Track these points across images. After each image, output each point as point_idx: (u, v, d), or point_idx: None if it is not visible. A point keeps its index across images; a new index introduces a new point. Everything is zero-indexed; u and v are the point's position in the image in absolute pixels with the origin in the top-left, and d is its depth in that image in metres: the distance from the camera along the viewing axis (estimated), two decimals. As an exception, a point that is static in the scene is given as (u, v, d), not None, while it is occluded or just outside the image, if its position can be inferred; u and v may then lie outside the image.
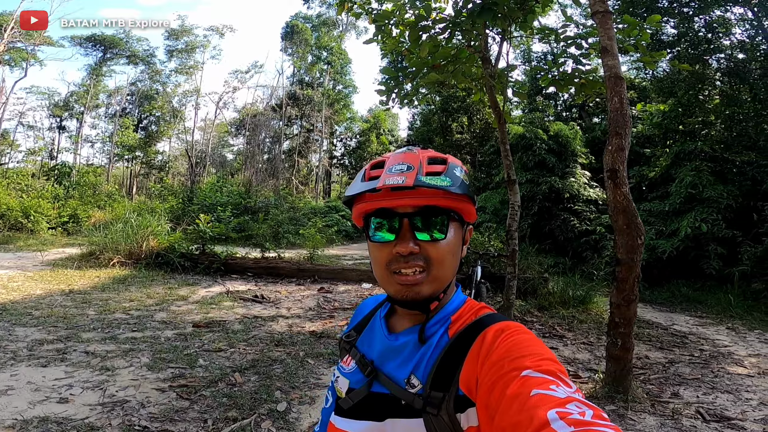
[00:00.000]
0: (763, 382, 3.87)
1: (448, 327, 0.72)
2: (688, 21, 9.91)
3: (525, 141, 11.65)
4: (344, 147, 32.03)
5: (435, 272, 0.70)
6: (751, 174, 9.47)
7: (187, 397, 3.22)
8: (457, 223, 0.73)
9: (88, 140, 27.04)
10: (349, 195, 0.74)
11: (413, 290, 0.69)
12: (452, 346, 0.67)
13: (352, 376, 0.77)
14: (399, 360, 0.72)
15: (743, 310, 7.09)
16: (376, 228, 0.72)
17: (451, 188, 0.67)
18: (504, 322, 0.66)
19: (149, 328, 4.89)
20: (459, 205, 0.72)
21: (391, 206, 0.70)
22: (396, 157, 0.72)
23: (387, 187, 0.68)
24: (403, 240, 0.69)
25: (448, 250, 0.71)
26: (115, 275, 7.65)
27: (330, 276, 8.24)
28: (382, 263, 0.71)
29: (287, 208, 16.75)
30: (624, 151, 3.15)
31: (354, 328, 0.86)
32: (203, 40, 26.50)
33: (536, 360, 0.56)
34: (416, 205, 0.69)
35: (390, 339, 0.75)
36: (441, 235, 0.70)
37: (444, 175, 0.69)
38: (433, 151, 0.75)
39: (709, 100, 10.48)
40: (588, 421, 0.46)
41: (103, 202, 16.71)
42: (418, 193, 0.68)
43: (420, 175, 0.68)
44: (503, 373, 0.56)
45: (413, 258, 0.69)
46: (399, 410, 0.67)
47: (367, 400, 0.72)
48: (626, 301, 3.18)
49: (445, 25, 4.90)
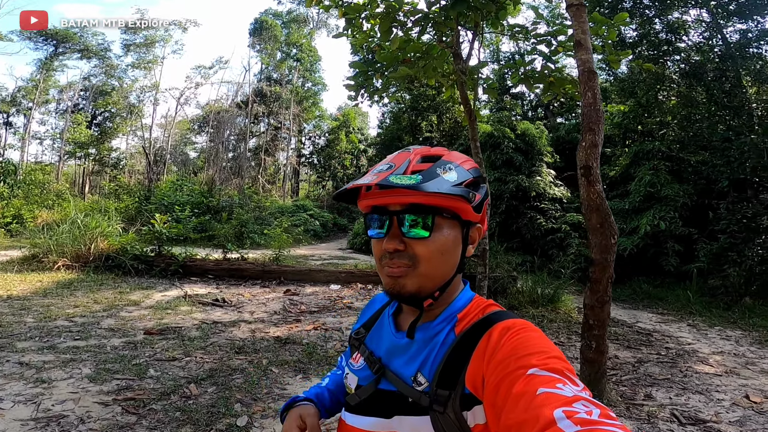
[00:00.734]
0: (730, 381, 3.90)
1: (454, 325, 0.72)
2: (650, 22, 10.22)
3: (493, 140, 11.71)
4: (313, 145, 31.48)
5: (421, 269, 0.70)
6: (706, 173, 9.88)
7: (134, 411, 2.90)
8: (452, 221, 0.72)
9: (37, 137, 25.34)
10: (340, 191, 0.75)
11: (398, 283, 0.70)
12: (458, 344, 0.67)
13: (360, 373, 0.78)
14: (406, 357, 0.73)
15: (702, 306, 7.32)
16: (371, 222, 0.74)
17: (420, 186, 0.66)
18: (511, 320, 0.66)
19: (94, 336, 4.47)
20: (446, 203, 0.69)
21: (381, 204, 0.71)
22: (389, 156, 0.75)
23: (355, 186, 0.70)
24: (389, 237, 0.70)
25: (436, 248, 0.70)
26: (59, 279, 7.05)
27: (297, 277, 7.94)
28: (377, 258, 0.73)
29: (253, 207, 16.19)
30: (597, 148, 3.08)
31: (363, 325, 0.87)
32: (164, 34, 25.31)
33: (543, 358, 0.56)
34: (403, 203, 0.69)
35: (397, 337, 0.76)
36: (425, 232, 0.69)
37: (419, 173, 0.69)
38: (432, 148, 0.76)
39: (666, 101, 10.87)
40: (595, 420, 0.45)
41: (51, 202, 15.61)
42: (398, 192, 0.68)
43: (395, 174, 0.68)
44: (509, 371, 0.56)
45: (398, 255, 0.70)
46: (406, 407, 0.68)
47: (375, 396, 0.73)
48: (600, 303, 3.11)
49: (416, 18, 4.73)
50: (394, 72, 5.20)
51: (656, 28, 10.07)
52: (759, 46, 9.18)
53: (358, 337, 0.84)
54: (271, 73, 28.42)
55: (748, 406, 3.29)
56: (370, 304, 0.93)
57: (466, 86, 5.81)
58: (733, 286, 7.58)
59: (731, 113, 9.14)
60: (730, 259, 7.95)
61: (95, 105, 25.15)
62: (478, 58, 5.88)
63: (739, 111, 8.91)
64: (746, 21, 9.31)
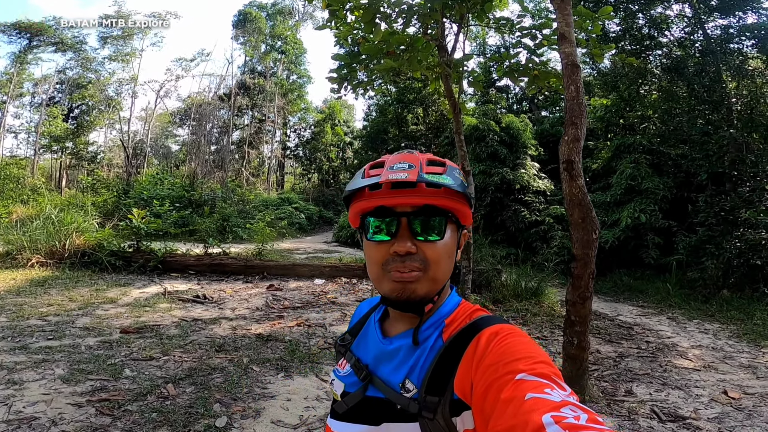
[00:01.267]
0: (709, 376, 3.94)
1: (442, 330, 0.71)
2: (633, 17, 10.29)
3: (478, 132, 11.72)
4: (298, 138, 31.13)
5: (431, 273, 0.69)
6: (686, 166, 10.05)
7: (108, 412, 2.81)
8: (454, 225, 0.73)
9: (12, 131, 24.46)
10: (350, 190, 0.73)
11: (409, 288, 0.69)
12: (446, 350, 0.67)
13: (347, 380, 0.77)
14: (393, 364, 0.72)
15: (681, 299, 7.45)
16: (371, 227, 0.72)
17: (453, 186, 0.68)
18: (498, 325, 0.66)
19: (68, 336, 4.33)
20: (457, 206, 0.71)
21: (391, 204, 0.70)
22: (396, 157, 0.73)
23: (388, 184, 0.68)
24: (400, 240, 0.69)
25: (444, 251, 0.71)
26: (33, 277, 6.83)
27: (280, 272, 7.84)
28: (378, 262, 0.71)
29: (236, 200, 15.93)
30: (579, 142, 3.06)
31: (349, 332, 0.86)
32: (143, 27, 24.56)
33: (530, 363, 0.56)
34: (416, 204, 0.69)
35: (384, 343, 0.75)
36: (438, 236, 0.70)
37: (445, 174, 0.70)
38: (432, 154, 0.75)
39: (648, 95, 11.00)
40: (583, 426, 0.45)
41: (26, 197, 15.13)
42: (419, 192, 0.68)
43: (422, 172, 0.68)
44: (497, 377, 0.56)
45: (410, 258, 0.68)
46: (395, 414, 0.67)
47: (363, 404, 0.72)
48: (581, 299, 3.11)
49: (400, 10, 4.65)
50: (378, 64, 5.11)
51: (639, 22, 10.15)
52: (740, 41, 9.32)
53: (344, 344, 0.83)
54: (256, 66, 27.92)
55: (726, 402, 3.32)
56: (357, 311, 0.92)
57: (451, 79, 5.77)
58: (711, 279, 7.73)
59: (710, 107, 9.29)
60: (708, 252, 8.10)
61: (71, 98, 24.36)
62: (462, 50, 5.80)
63: (718, 105, 9.06)
64: (727, 16, 9.43)
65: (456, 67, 5.87)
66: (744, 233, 7.94)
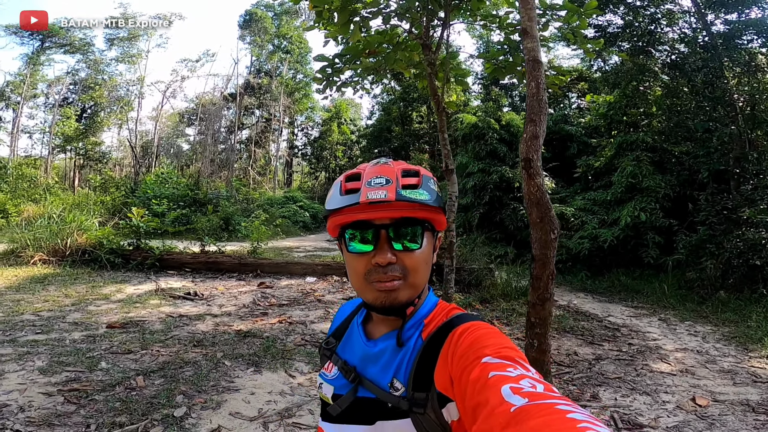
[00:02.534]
0: (683, 381, 3.86)
1: (422, 330, 0.75)
2: (635, 12, 10.12)
3: (477, 130, 11.66)
4: (305, 137, 31.37)
5: (411, 280, 0.73)
6: (688, 164, 9.85)
7: (75, 401, 2.93)
8: (430, 232, 0.76)
9: (26, 131, 25.20)
10: (330, 209, 0.76)
11: (391, 296, 0.72)
12: (426, 347, 0.70)
13: (336, 382, 0.79)
14: (380, 365, 0.75)
15: (677, 300, 7.31)
16: (351, 239, 0.74)
17: (428, 201, 0.72)
18: (471, 322, 0.70)
19: (56, 330, 4.49)
20: (432, 216, 0.75)
21: (369, 218, 0.72)
22: (372, 170, 0.75)
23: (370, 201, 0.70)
24: (381, 251, 0.72)
25: (422, 258, 0.74)
26: (34, 274, 7.05)
27: (274, 270, 7.94)
28: (360, 273, 0.74)
29: (240, 199, 16.15)
30: (538, 139, 3.05)
31: (333, 335, 0.88)
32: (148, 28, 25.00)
33: (496, 348, 0.60)
34: (392, 217, 0.72)
35: (369, 345, 0.78)
36: (416, 245, 0.73)
37: (421, 188, 0.72)
38: (405, 162, 0.79)
39: (651, 91, 10.81)
40: (540, 393, 0.49)
41: (39, 196, 15.57)
42: (396, 206, 0.71)
43: (399, 188, 0.71)
44: (468, 363, 0.60)
45: (391, 268, 0.72)
46: (387, 412, 0.70)
47: (355, 405, 0.74)
48: (541, 300, 3.08)
49: (374, 11, 4.68)
50: (356, 64, 5.15)
51: (641, 18, 9.98)
52: (744, 37, 9.10)
53: (329, 347, 0.85)
54: (262, 65, 28.19)
55: (691, 409, 3.25)
56: (338, 314, 0.94)
57: (436, 78, 5.77)
58: (709, 279, 7.57)
59: (712, 104, 9.09)
60: (708, 252, 7.93)
61: (81, 99, 24.96)
62: (446, 49, 5.79)
63: (720, 101, 8.86)
64: (731, 12, 9.21)
65: (441, 66, 5.88)
66: (745, 232, 7.77)
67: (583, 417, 0.44)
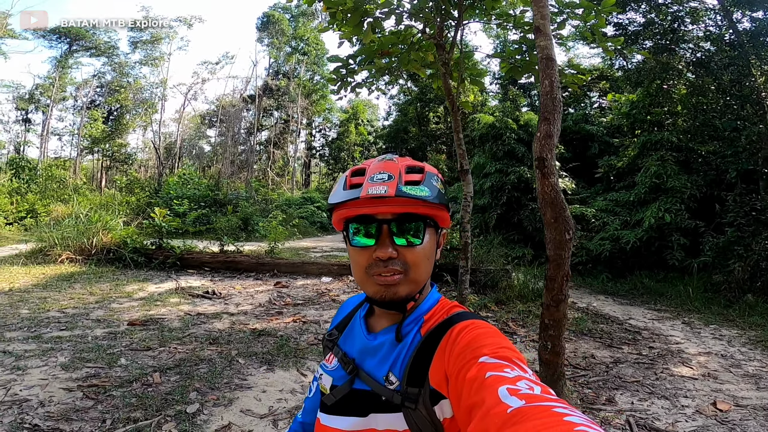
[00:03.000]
0: (704, 385, 3.73)
1: (421, 326, 0.76)
2: (657, 10, 9.86)
3: (495, 131, 11.54)
4: (323, 138, 31.63)
5: (412, 275, 0.74)
6: (716, 164, 9.52)
7: (93, 397, 3.02)
8: (433, 228, 0.77)
9: (56, 133, 26.21)
10: (332, 203, 0.77)
11: (391, 290, 0.73)
12: (424, 343, 0.71)
13: (335, 374, 0.80)
14: (377, 358, 0.75)
15: (702, 303, 7.07)
16: (355, 233, 0.75)
17: (428, 198, 0.72)
18: (471, 320, 0.70)
19: (79, 327, 4.64)
20: (434, 212, 0.75)
21: (372, 213, 0.73)
22: (376, 165, 0.75)
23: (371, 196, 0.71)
24: (382, 245, 0.72)
25: (423, 254, 0.75)
26: (61, 272, 7.31)
27: (290, 270, 8.03)
28: (362, 266, 0.75)
29: (259, 200, 16.38)
30: (552, 138, 3.01)
31: (336, 327, 0.90)
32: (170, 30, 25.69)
33: (494, 348, 0.60)
34: (395, 212, 0.72)
35: (369, 338, 0.79)
36: (417, 240, 0.74)
37: (422, 184, 0.73)
38: (411, 159, 0.79)
39: (675, 90, 10.49)
40: (537, 395, 0.49)
41: (67, 196, 16.14)
42: (398, 201, 0.71)
43: (401, 184, 0.72)
44: (465, 362, 0.60)
45: (392, 263, 0.72)
46: (380, 405, 0.71)
47: (350, 396, 0.76)
48: (555, 302, 3.04)
49: (386, 11, 4.68)
50: (370, 64, 5.16)
51: (663, 16, 9.71)
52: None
53: (331, 339, 0.87)
54: (280, 67, 28.55)
55: (712, 414, 3.14)
56: (343, 307, 0.96)
57: (450, 78, 5.74)
58: (737, 282, 7.30)
59: (740, 102, 8.76)
60: (736, 254, 7.65)
61: (107, 101, 25.80)
62: (460, 49, 5.75)
63: (748, 100, 8.54)
64: (757, 10, 8.87)
65: (456, 66, 5.84)
66: (774, 234, 7.45)
67: (580, 420, 0.44)
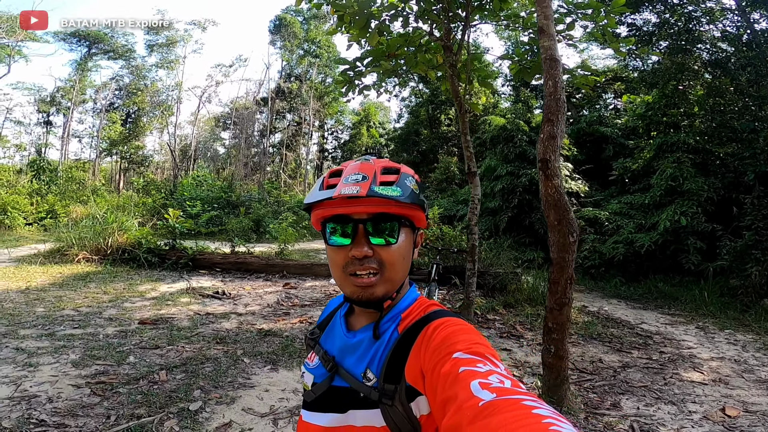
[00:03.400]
0: (714, 391, 3.64)
1: (398, 323, 0.77)
2: (671, 11, 9.69)
3: (506, 133, 11.46)
4: (335, 140, 31.82)
5: (387, 274, 0.75)
6: (733, 166, 9.28)
7: (100, 393, 3.08)
8: (408, 228, 0.78)
9: (76, 135, 26.91)
10: (307, 203, 0.79)
11: (368, 291, 0.75)
12: (401, 341, 0.73)
13: (316, 371, 0.82)
14: (356, 356, 0.77)
15: (717, 308, 6.91)
16: (332, 232, 0.77)
17: (400, 198, 0.72)
18: (447, 317, 0.72)
19: (92, 325, 4.75)
20: (409, 212, 0.76)
21: (346, 213, 0.74)
22: (353, 167, 0.77)
23: (343, 196, 0.73)
24: (358, 244, 0.74)
25: (399, 253, 0.76)
26: (78, 272, 7.49)
27: (299, 271, 8.09)
28: (339, 265, 0.76)
29: (272, 202, 16.55)
30: (556, 140, 2.98)
31: (318, 326, 0.91)
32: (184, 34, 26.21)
33: (467, 344, 0.62)
34: (370, 212, 0.74)
35: (348, 336, 0.81)
36: (393, 239, 0.75)
37: (396, 185, 0.74)
38: (388, 160, 0.81)
39: (692, 91, 10.28)
40: (507, 389, 0.51)
41: (87, 197, 16.55)
42: (371, 202, 0.73)
43: (374, 185, 0.73)
44: (440, 358, 0.61)
45: (367, 261, 0.74)
46: (358, 402, 0.72)
47: (330, 393, 0.77)
48: (559, 305, 3.00)
49: (392, 14, 4.70)
50: (377, 67, 5.19)
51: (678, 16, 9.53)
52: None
53: (313, 338, 0.89)
54: (293, 70, 28.82)
55: (720, 420, 3.06)
56: (327, 307, 0.98)
57: (458, 79, 5.73)
58: (754, 287, 7.11)
59: (758, 103, 8.54)
60: (753, 258, 7.45)
61: (125, 104, 26.39)
62: (467, 50, 5.72)
63: (766, 101, 8.32)
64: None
65: (463, 68, 5.83)
66: (794, 238, 7.23)
67: (548, 413, 0.45)
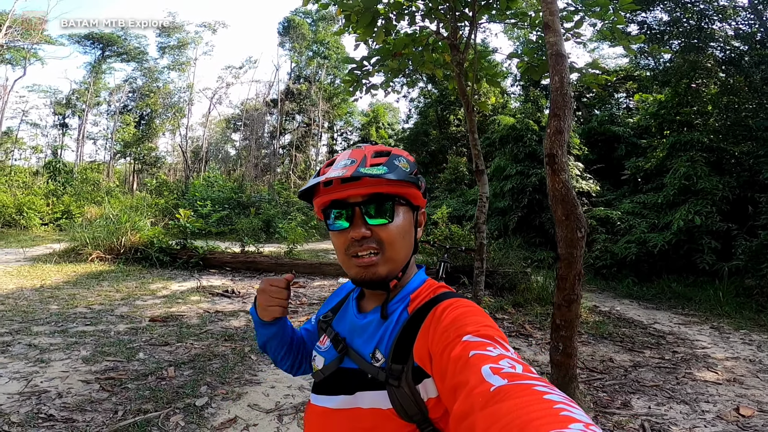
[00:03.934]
0: (728, 390, 3.56)
1: (407, 304, 0.78)
2: (683, 9, 9.54)
3: (516, 132, 11.38)
4: (345, 141, 31.89)
5: (388, 253, 0.76)
6: (749, 165, 9.09)
7: (109, 389, 3.13)
8: (406, 206, 0.80)
9: (90, 137, 27.39)
10: (303, 189, 0.81)
11: (370, 271, 0.76)
12: (410, 321, 0.73)
13: (327, 354, 0.83)
14: (365, 336, 0.78)
15: (732, 308, 6.77)
16: (336, 218, 0.79)
17: (387, 175, 0.73)
18: (455, 299, 0.72)
19: (103, 323, 4.82)
20: (402, 191, 0.78)
21: (341, 197, 0.77)
22: (344, 153, 0.80)
23: (338, 180, 0.76)
24: (356, 226, 0.76)
25: (397, 232, 0.77)
26: (91, 270, 7.62)
27: (308, 270, 8.13)
28: (341, 249, 0.78)
29: (282, 202, 16.66)
30: (563, 135, 2.94)
31: (331, 310, 0.93)
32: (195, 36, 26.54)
33: (477, 326, 0.62)
34: (363, 194, 0.76)
35: (358, 318, 0.83)
36: (389, 219, 0.77)
37: (383, 165, 0.76)
38: (381, 145, 0.83)
39: (705, 89, 10.10)
40: (518, 374, 0.51)
41: (101, 198, 16.86)
42: (364, 183, 0.75)
43: (361, 167, 0.74)
44: (449, 341, 0.61)
45: (366, 241, 0.76)
46: (366, 383, 0.73)
47: (338, 374, 0.79)
48: (567, 302, 2.96)
49: (397, 12, 4.70)
50: (384, 66, 5.19)
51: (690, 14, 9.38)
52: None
53: (326, 320, 0.90)
54: (302, 71, 28.99)
55: (733, 419, 2.99)
56: (338, 291, 1.00)
57: (465, 78, 5.70)
58: (770, 287, 6.94)
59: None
60: (769, 257, 7.27)
61: (138, 106, 26.81)
62: (474, 49, 5.68)
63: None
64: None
65: (470, 67, 5.80)
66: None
67: (559, 398, 0.45)
